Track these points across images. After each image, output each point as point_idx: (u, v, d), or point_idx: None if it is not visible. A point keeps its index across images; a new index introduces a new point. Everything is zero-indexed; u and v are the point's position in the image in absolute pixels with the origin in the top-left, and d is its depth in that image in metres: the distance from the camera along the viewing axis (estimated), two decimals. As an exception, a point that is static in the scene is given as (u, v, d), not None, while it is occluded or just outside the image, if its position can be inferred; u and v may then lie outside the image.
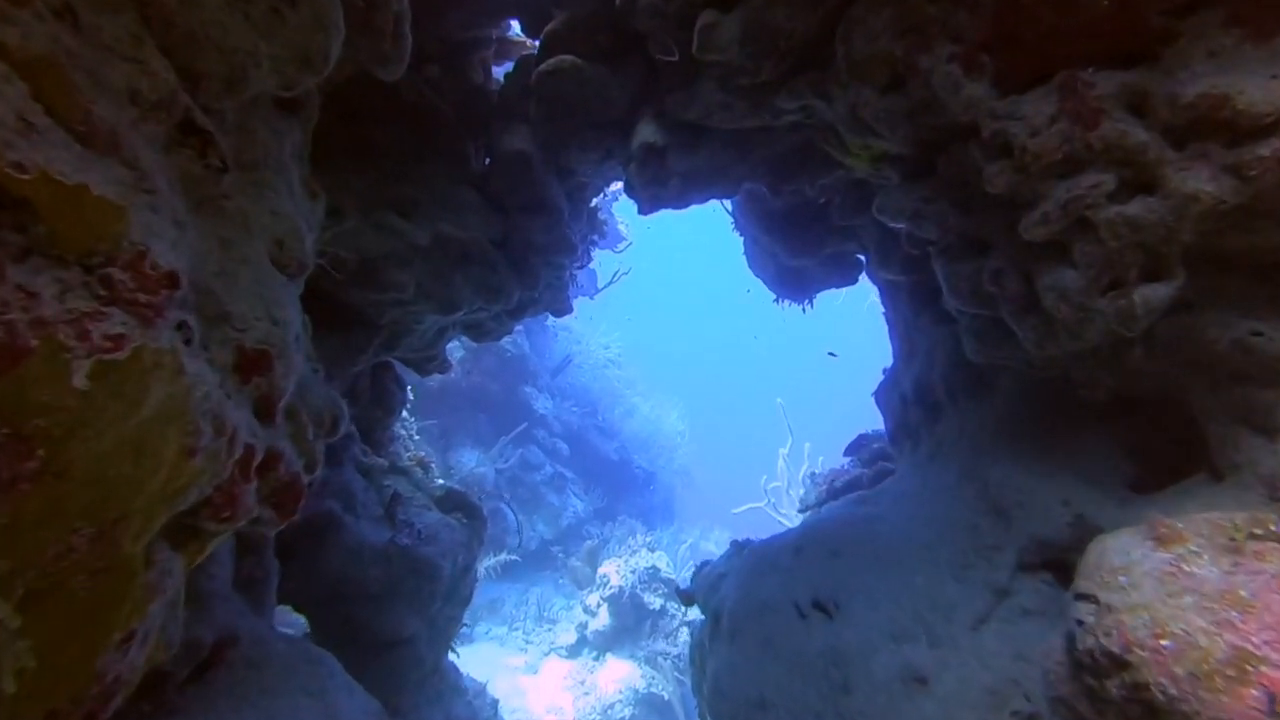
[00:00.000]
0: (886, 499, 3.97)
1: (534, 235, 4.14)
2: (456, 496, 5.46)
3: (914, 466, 4.18)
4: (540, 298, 4.65)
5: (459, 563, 5.02)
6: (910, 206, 2.85)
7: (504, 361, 12.96)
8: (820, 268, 5.09)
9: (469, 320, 4.90)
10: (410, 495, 5.16)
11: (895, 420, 4.57)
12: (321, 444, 2.19)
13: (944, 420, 4.08)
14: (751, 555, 3.98)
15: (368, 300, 3.75)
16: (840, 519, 3.76)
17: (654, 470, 18.00)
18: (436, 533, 4.89)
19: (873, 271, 4.75)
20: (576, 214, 4.61)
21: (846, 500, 4.25)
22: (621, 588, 10.68)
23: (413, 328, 4.10)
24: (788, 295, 5.45)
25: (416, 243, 3.65)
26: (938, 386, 4.10)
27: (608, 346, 18.57)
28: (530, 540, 13.83)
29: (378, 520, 4.81)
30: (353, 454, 5.02)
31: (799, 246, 4.75)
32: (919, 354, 4.39)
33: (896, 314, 4.67)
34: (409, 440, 6.36)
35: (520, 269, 4.19)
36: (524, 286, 4.27)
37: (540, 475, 14.59)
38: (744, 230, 5.31)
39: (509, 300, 4.13)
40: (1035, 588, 3.00)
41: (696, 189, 3.68)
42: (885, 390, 4.83)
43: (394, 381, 4.95)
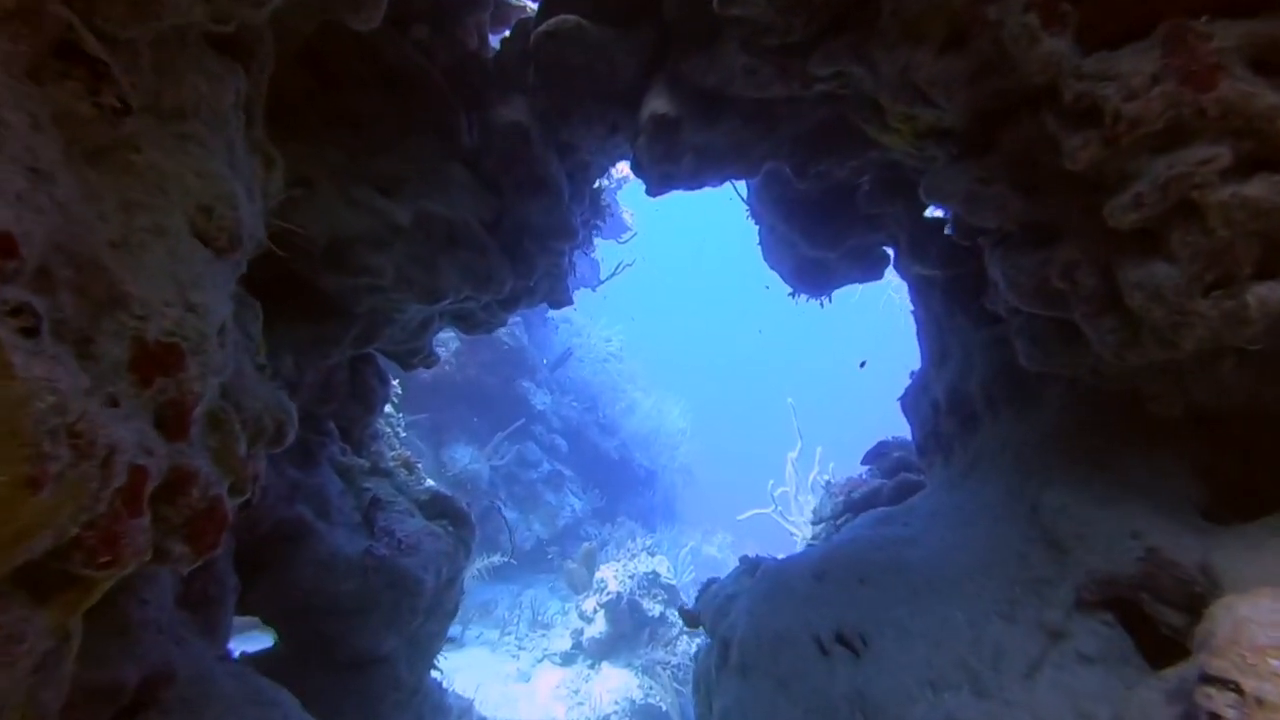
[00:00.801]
0: (918, 519, 3.61)
1: (530, 217, 3.78)
2: (442, 501, 5.11)
3: (947, 482, 3.83)
4: (536, 287, 4.29)
5: (443, 575, 4.68)
6: (963, 188, 2.48)
7: (501, 354, 12.61)
8: (843, 260, 4.73)
9: (457, 310, 4.54)
10: (391, 500, 4.81)
11: (925, 429, 4.22)
12: (261, 457, 1.84)
13: (982, 432, 3.72)
14: (765, 578, 3.63)
15: (342, 286, 3.39)
16: (867, 541, 3.41)
17: (655, 469, 17.66)
18: (418, 542, 4.55)
19: (902, 265, 4.39)
20: (578, 196, 4.24)
21: (870, 518, 3.89)
22: (619, 593, 10.34)
23: (393, 317, 3.75)
24: (806, 289, 5.09)
25: (397, 223, 3.29)
26: (975, 394, 3.74)
27: (609, 340, 18.21)
28: (525, 540, 13.50)
29: (355, 527, 4.46)
30: (330, 454, 4.67)
31: (822, 236, 4.38)
32: (953, 358, 4.03)
33: (927, 313, 4.31)
34: (394, 438, 6.01)
35: (514, 254, 3.83)
36: (518, 274, 3.91)
37: (537, 473, 14.25)
38: (760, 218, 4.95)
39: (501, 289, 3.77)
40: (1094, 629, 2.64)
41: (712, 167, 3.31)
42: (913, 396, 4.47)
43: (375, 376, 4.60)
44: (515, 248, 3.86)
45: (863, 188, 4.21)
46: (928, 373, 4.39)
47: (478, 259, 3.69)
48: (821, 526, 5.46)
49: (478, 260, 3.68)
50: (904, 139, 2.97)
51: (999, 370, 3.61)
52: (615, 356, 18.38)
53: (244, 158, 1.93)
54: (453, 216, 3.60)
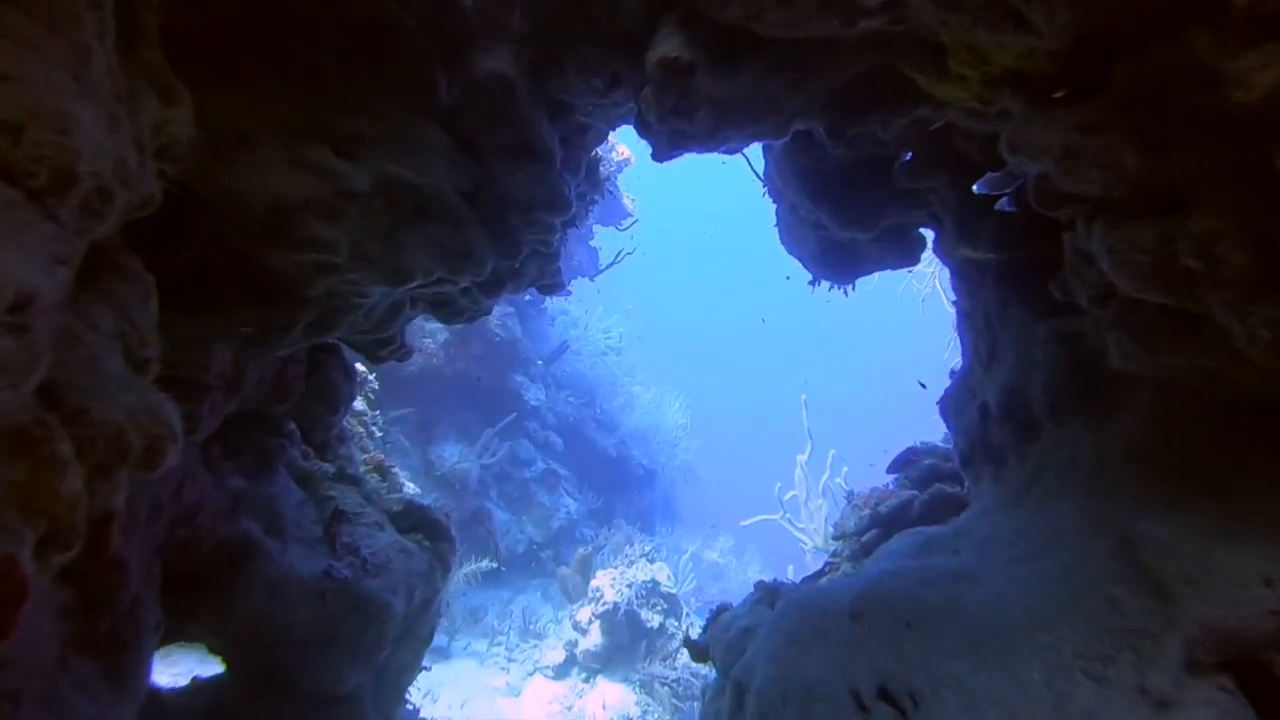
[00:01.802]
0: (970, 546, 3.12)
1: (515, 186, 3.27)
2: (417, 512, 4.62)
3: (1001, 501, 3.34)
4: (524, 268, 3.78)
5: (416, 597, 4.19)
6: (1060, 141, 1.98)
7: (493, 346, 12.10)
8: (875, 243, 4.22)
9: (433, 296, 4.03)
10: (359, 511, 4.32)
11: (970, 437, 3.72)
12: (121, 488, 1.34)
13: (1043, 442, 3.23)
14: (789, 613, 3.14)
15: (289, 264, 2.89)
16: (912, 574, 2.92)
17: (654, 467, 17.18)
18: (387, 560, 4.06)
19: (943, 249, 3.88)
20: (572, 165, 3.74)
21: (910, 542, 3.40)
22: (616, 603, 9.86)
23: (353, 302, 3.25)
24: (829, 276, 4.59)
25: (352, 188, 2.78)
26: (1035, 398, 3.24)
27: (608, 332, 17.69)
28: (518, 543, 13.04)
29: (314, 544, 3.96)
30: (289, 459, 4.17)
31: (853, 215, 3.88)
32: (1006, 355, 3.54)
33: (974, 303, 3.81)
34: (368, 439, 5.52)
35: (496, 230, 3.33)
36: (501, 253, 3.41)
37: (531, 472, 13.78)
38: (780, 196, 4.44)
39: (480, 269, 3.26)
40: (1212, 698, 2.15)
41: (733, 124, 2.80)
42: (955, 399, 3.98)
43: (338, 370, 4.10)
44: (498, 222, 3.35)
45: (901, 159, 3.71)
46: (973, 372, 3.89)
47: (452, 234, 3.18)
48: (844, 544, 4.97)
49: (452, 235, 3.18)
50: (969, 89, 2.46)
51: (1066, 370, 3.11)
52: (614, 349, 17.88)
53: (107, 77, 1.43)
54: (422, 184, 3.09)
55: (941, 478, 4.94)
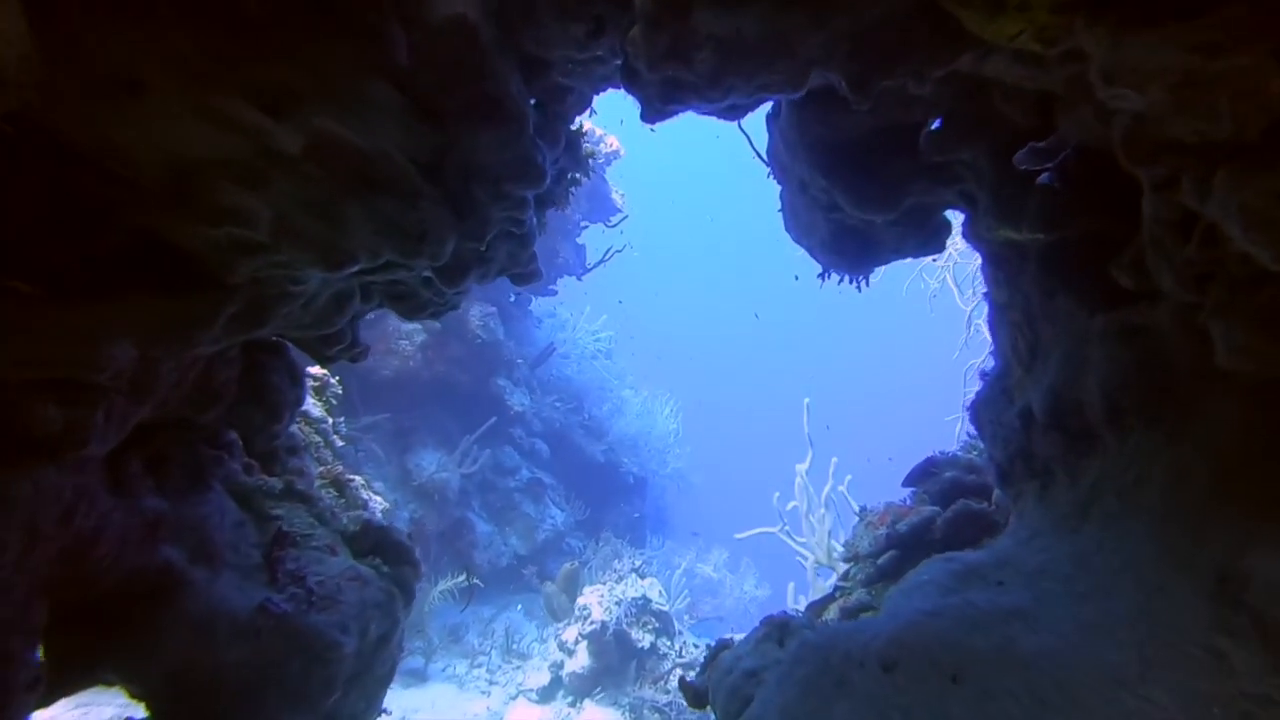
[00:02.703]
0: (1016, 577, 2.67)
1: (480, 153, 2.81)
2: (377, 533, 4.14)
3: (1051, 524, 2.89)
4: (492, 254, 3.31)
5: (371, 632, 3.71)
6: (1177, 63, 1.54)
7: (473, 349, 11.60)
8: (895, 227, 3.79)
9: (390, 286, 3.57)
10: (308, 533, 3.84)
11: (1009, 449, 3.28)
12: None
13: (1102, 456, 2.79)
14: (804, 658, 2.68)
15: (202, 241, 2.43)
16: (953, 614, 2.46)
17: (645, 475, 16.69)
18: (337, 590, 3.58)
19: (975, 231, 3.44)
20: (550, 135, 3.28)
21: (943, 570, 2.95)
22: (604, 622, 9.37)
23: (287, 290, 2.78)
24: (842, 267, 4.14)
25: (277, 148, 2.32)
26: (1092, 404, 2.80)
27: (597, 335, 17.21)
28: (501, 556, 12.54)
29: (252, 572, 3.48)
30: (228, 473, 3.69)
31: (872, 192, 3.44)
32: (1053, 353, 3.10)
33: (1012, 294, 3.37)
34: (325, 449, 5.03)
35: (459, 205, 2.86)
36: (465, 233, 2.94)
37: (515, 481, 13.29)
38: (787, 174, 4.00)
39: (438, 251, 2.80)
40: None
41: (739, 69, 2.35)
42: (988, 404, 3.53)
43: (281, 372, 3.62)
44: (460, 196, 2.89)
45: (929, 127, 3.28)
46: (1010, 373, 3.45)
47: (404, 209, 2.71)
48: (857, 566, 4.52)
49: (404, 210, 2.71)
50: (1031, 20, 2.02)
51: (1130, 370, 2.67)
52: (603, 353, 17.40)
53: None
54: (369, 149, 2.62)
55: (965, 492, 4.50)
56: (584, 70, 3.11)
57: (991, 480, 3.51)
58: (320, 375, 5.68)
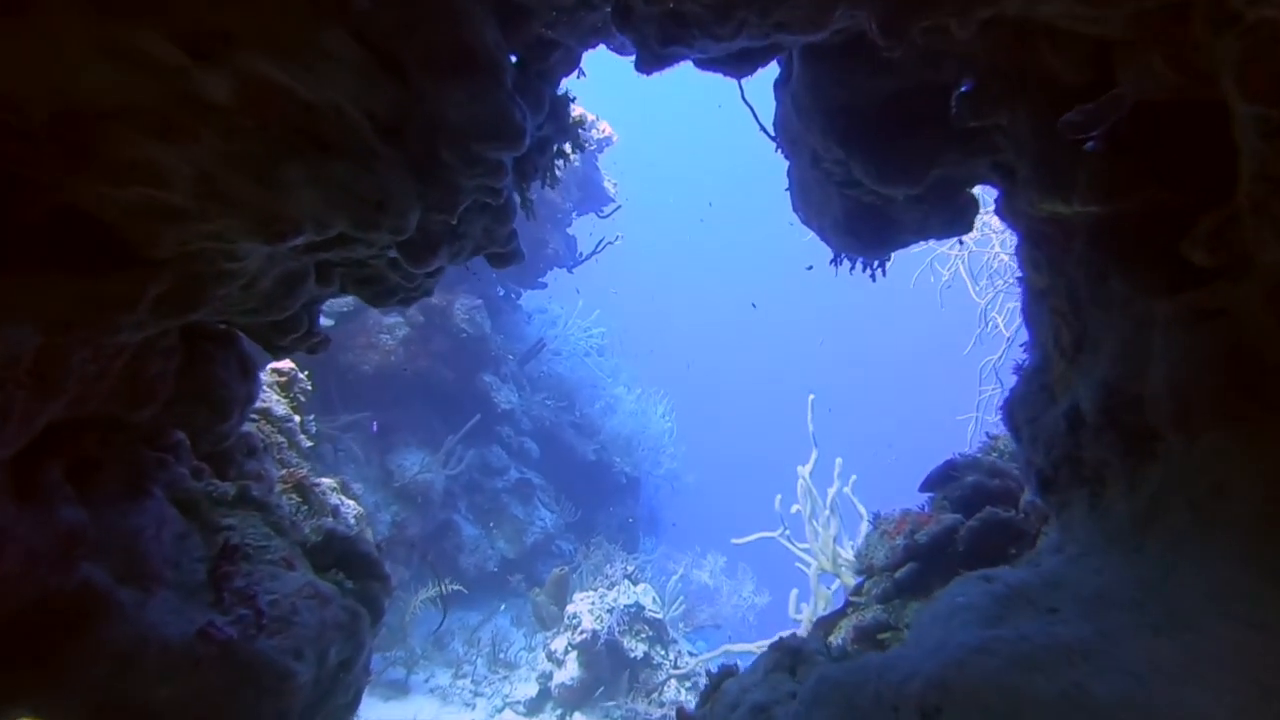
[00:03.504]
0: (1071, 603, 2.33)
1: (448, 108, 2.44)
2: (341, 544, 3.77)
3: (1106, 541, 2.55)
4: (465, 229, 2.95)
5: (331, 658, 3.35)
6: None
7: (459, 343, 11.21)
8: (916, 205, 3.44)
9: (353, 268, 3.21)
10: (262, 545, 3.47)
11: (1052, 452, 2.93)
12: None
13: (1166, 462, 2.45)
14: (824, 695, 2.33)
15: (111, 205, 2.06)
16: (1006, 651, 2.11)
17: (638, 475, 16.32)
18: (292, 611, 3.21)
19: (1014, 206, 3.10)
20: (532, 95, 2.91)
21: (980, 592, 2.60)
22: (595, 631, 9.02)
23: (223, 268, 2.41)
24: (858, 250, 3.80)
25: (200, 93, 1.96)
26: (1157, 401, 2.46)
27: (589, 331, 16.82)
28: (488, 559, 12.16)
29: (194, 592, 3.11)
30: (172, 478, 3.32)
31: (896, 163, 3.09)
32: (1104, 344, 2.76)
33: (1054, 277, 3.03)
34: (289, 450, 4.66)
35: (424, 171, 2.50)
36: (432, 203, 2.58)
37: (503, 481, 12.91)
38: (797, 146, 3.65)
39: (400, 224, 2.44)
40: None
41: (752, 2, 2.00)
42: (1026, 402, 3.19)
43: (229, 365, 3.24)
44: (426, 160, 2.52)
45: (962, 88, 2.94)
46: (1051, 367, 3.11)
47: (360, 173, 2.35)
48: (872, 581, 4.17)
49: (359, 175, 2.34)
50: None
51: (1204, 362, 2.33)
52: (596, 349, 17.02)
53: None
54: (317, 101, 2.26)
55: (989, 498, 4.17)
56: (570, 20, 2.75)
57: (1030, 487, 3.17)
58: (288, 370, 5.30)
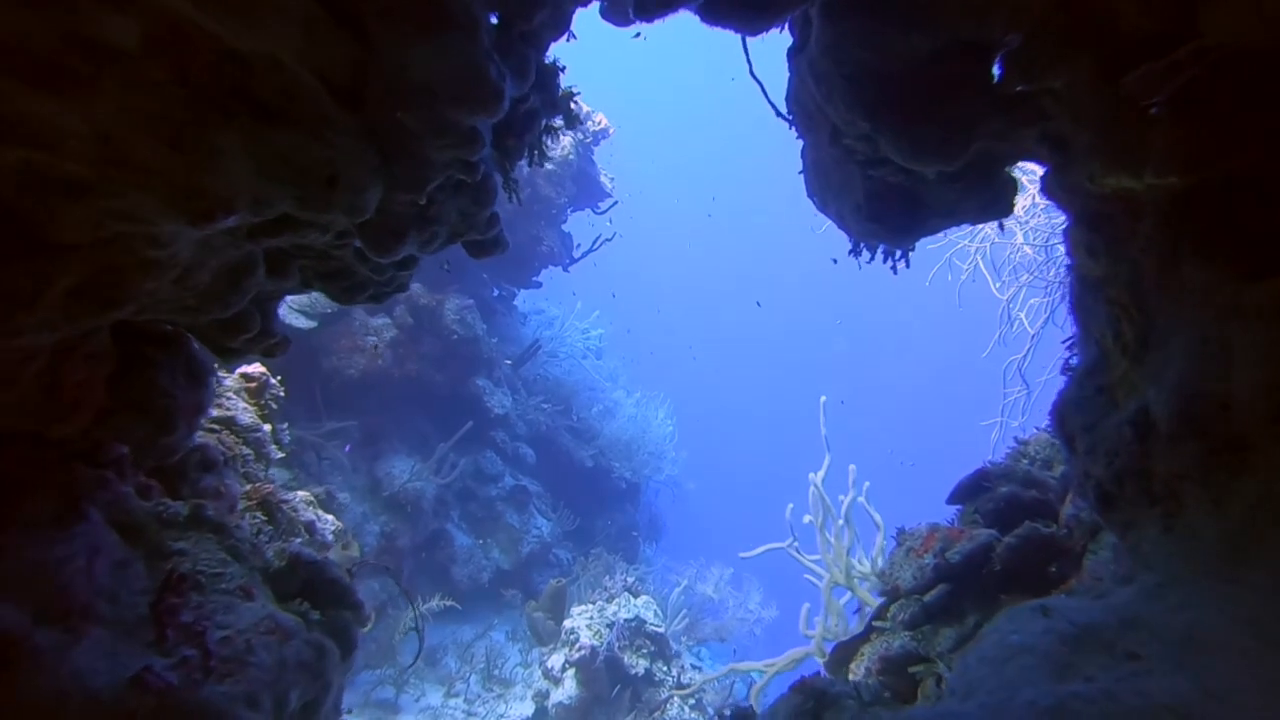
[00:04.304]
0: (1156, 646, 1.98)
1: (412, 68, 2.10)
2: (307, 569, 3.42)
3: (1192, 568, 2.20)
4: (439, 212, 2.59)
5: (293, 702, 2.99)
6: None
7: (449, 346, 10.85)
8: (950, 185, 3.10)
9: (317, 261, 2.86)
10: (217, 572, 3.11)
11: (1114, 464, 2.58)
12: None
13: (1262, 473, 2.10)
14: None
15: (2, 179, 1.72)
16: (1083, 711, 1.76)
17: (638, 481, 15.96)
18: (246, 650, 2.85)
19: (1068, 182, 2.75)
20: (514, 60, 2.56)
21: (1041, 630, 2.24)
22: (594, 647, 8.66)
23: (147, 255, 2.06)
24: (881, 237, 3.45)
25: (101, 37, 1.62)
26: (1248, 405, 2.11)
27: (587, 333, 16.45)
28: (482, 570, 11.80)
29: (134, 629, 2.76)
30: (113, 497, 2.96)
31: (931, 135, 2.74)
32: (1178, 339, 2.41)
33: (1115, 262, 2.67)
34: (257, 463, 4.30)
35: (385, 140, 2.16)
36: (396, 180, 2.23)
37: (498, 489, 12.56)
38: (815, 120, 3.30)
39: (356, 203, 2.09)
40: None
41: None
42: (1080, 407, 2.84)
43: (172, 369, 2.89)
44: (388, 129, 2.17)
45: (1010, 46, 2.59)
46: (1109, 367, 2.76)
47: (308, 143, 2.00)
48: (899, 605, 3.82)
49: (307, 145, 1.99)
50: None
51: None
52: (594, 351, 16.66)
53: None
54: (254, 55, 1.91)
55: (1025, 511, 3.82)
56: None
57: (1088, 503, 2.81)
58: (258, 375, 4.95)
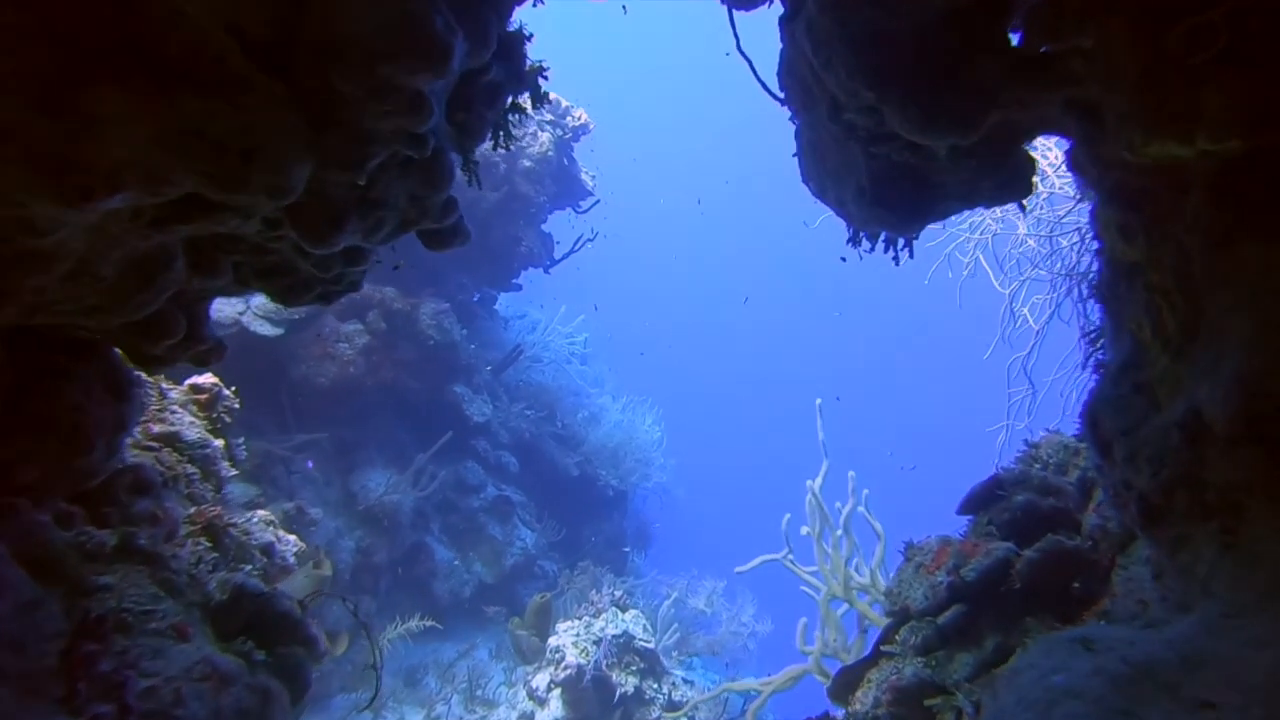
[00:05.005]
0: (1231, 693, 1.69)
1: (343, 20, 1.79)
2: (252, 603, 3.09)
3: (1259, 595, 1.92)
4: (384, 194, 2.27)
5: (231, 757, 2.67)
6: None
7: (426, 352, 10.50)
8: (964, 163, 2.81)
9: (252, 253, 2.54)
10: (146, 609, 2.78)
11: (1160, 473, 2.29)
12: None
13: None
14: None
15: None
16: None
17: (626, 489, 15.62)
18: (174, 701, 2.52)
19: (1098, 154, 2.47)
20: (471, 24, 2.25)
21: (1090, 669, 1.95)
22: (581, 666, 8.34)
23: (23, 246, 1.71)
24: (886, 223, 3.16)
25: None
26: (1326, 404, 1.83)
27: (572, 338, 16.10)
28: (464, 585, 11.43)
29: (44, 682, 2.43)
30: (24, 528, 2.64)
31: (944, 105, 2.45)
32: (1231, 330, 2.13)
33: (1155, 244, 2.39)
34: (204, 483, 3.96)
35: (314, 106, 1.85)
36: (329, 155, 1.92)
37: (480, 500, 12.18)
38: (812, 94, 3.01)
39: (279, 181, 1.78)
40: None
41: None
42: (1117, 407, 2.56)
43: (85, 381, 2.54)
44: (318, 93, 1.86)
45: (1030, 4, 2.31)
46: (1147, 363, 2.48)
47: (218, 109, 1.69)
48: (908, 629, 3.53)
49: (217, 112, 1.68)
50: None
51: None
52: (579, 356, 16.30)
53: None
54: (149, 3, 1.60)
55: (1044, 522, 3.55)
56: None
57: (1127, 517, 2.52)
58: (209, 385, 4.61)
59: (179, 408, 4.18)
